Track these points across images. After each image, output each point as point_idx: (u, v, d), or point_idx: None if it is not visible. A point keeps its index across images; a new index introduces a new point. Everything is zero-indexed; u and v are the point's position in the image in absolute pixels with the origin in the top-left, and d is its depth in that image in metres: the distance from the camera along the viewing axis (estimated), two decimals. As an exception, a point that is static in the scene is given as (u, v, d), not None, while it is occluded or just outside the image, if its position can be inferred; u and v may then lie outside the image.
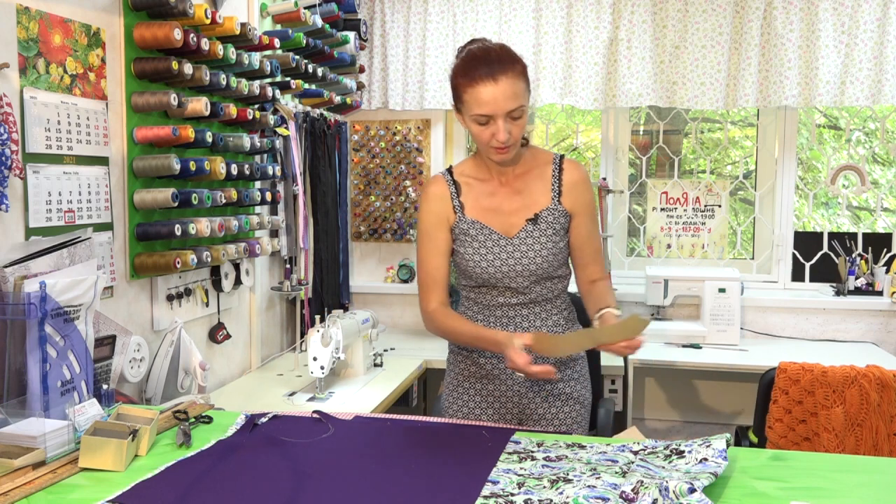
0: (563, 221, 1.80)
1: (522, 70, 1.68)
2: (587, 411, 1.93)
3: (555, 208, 1.79)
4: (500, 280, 1.79)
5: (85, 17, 1.98)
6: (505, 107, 1.64)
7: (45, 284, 1.58)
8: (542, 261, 1.78)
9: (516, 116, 1.66)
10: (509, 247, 1.78)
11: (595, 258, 1.86)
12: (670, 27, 3.30)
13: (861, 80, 3.14)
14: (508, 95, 1.63)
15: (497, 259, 1.78)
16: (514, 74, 1.64)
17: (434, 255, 1.83)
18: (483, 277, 1.80)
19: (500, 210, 1.81)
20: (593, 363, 2.91)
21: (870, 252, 3.49)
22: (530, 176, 1.82)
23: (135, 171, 2.15)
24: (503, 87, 1.63)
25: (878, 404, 2.29)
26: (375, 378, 2.72)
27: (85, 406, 1.56)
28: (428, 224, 1.84)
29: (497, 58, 1.65)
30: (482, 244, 1.79)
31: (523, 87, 1.67)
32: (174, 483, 1.32)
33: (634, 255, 3.79)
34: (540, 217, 1.78)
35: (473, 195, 1.83)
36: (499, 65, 1.64)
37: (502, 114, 1.65)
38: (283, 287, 3.02)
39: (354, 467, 1.39)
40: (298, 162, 2.98)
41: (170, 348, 2.23)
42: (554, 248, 1.78)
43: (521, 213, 1.80)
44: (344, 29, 3.43)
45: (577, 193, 1.81)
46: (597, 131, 4.00)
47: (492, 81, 1.63)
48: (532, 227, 1.78)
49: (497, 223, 1.80)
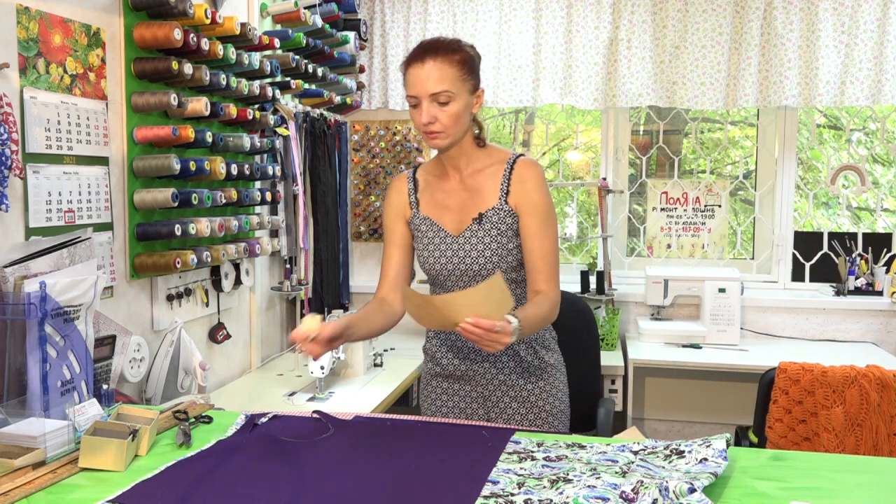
0: (509, 221, 1.77)
1: (461, 60, 1.69)
2: (561, 423, 1.92)
3: (500, 208, 1.77)
4: (447, 277, 1.81)
5: (85, 17, 1.98)
6: (428, 88, 1.67)
7: (45, 284, 1.58)
8: (486, 261, 1.76)
9: (443, 101, 1.68)
10: (455, 245, 1.79)
11: (540, 266, 1.76)
12: (670, 27, 3.30)
13: (861, 80, 3.14)
14: (433, 78, 1.66)
15: (443, 256, 1.80)
16: (446, 60, 1.67)
17: (390, 244, 1.89)
18: (433, 273, 1.83)
19: (451, 208, 1.82)
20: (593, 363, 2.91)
21: (870, 252, 3.49)
22: (483, 175, 1.81)
23: (135, 171, 2.15)
24: (428, 68, 1.67)
25: (878, 404, 2.29)
26: (375, 378, 2.72)
27: (85, 406, 1.55)
28: (387, 217, 1.90)
29: (433, 45, 1.70)
30: (431, 241, 1.82)
31: (454, 75, 1.68)
32: (174, 483, 1.32)
33: (634, 255, 3.79)
34: (485, 217, 1.77)
35: (430, 192, 1.85)
36: (431, 50, 1.68)
37: (426, 95, 1.67)
38: (283, 287, 3.02)
39: (354, 467, 1.39)
40: (298, 162, 2.98)
41: (170, 348, 2.23)
42: (500, 248, 1.76)
43: (469, 212, 1.80)
44: (344, 29, 3.43)
45: (523, 192, 1.77)
46: (597, 131, 4.00)
47: (419, 63, 1.68)
48: (477, 226, 1.77)
49: (447, 221, 1.82)
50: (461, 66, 1.69)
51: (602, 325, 3.31)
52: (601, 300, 3.45)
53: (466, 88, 1.71)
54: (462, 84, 1.70)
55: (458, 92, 1.69)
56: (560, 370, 1.94)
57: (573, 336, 2.89)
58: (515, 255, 1.79)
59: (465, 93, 1.71)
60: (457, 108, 1.70)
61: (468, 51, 1.73)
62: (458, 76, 1.69)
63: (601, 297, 3.43)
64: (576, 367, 2.86)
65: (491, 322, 1.46)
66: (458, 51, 1.71)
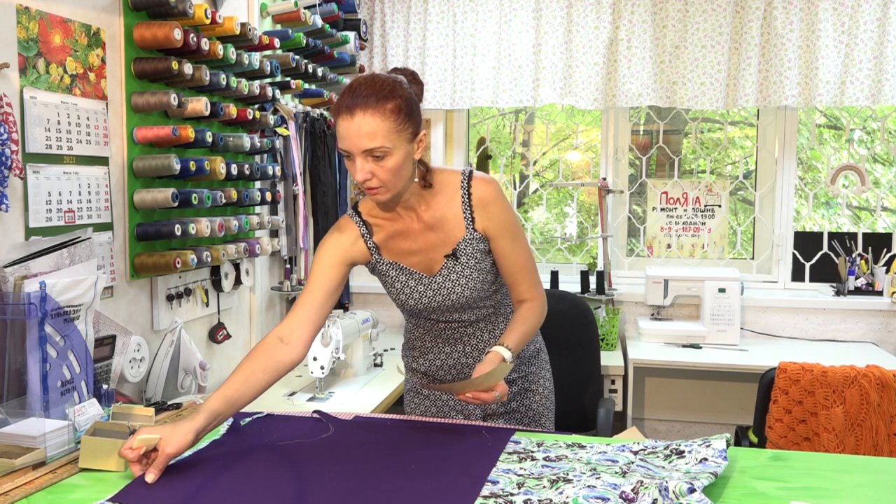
0: (482, 247, 1.69)
1: (394, 108, 1.50)
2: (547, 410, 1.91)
3: (472, 237, 1.68)
4: (430, 313, 1.77)
5: (85, 17, 1.98)
6: (359, 145, 1.49)
7: (45, 284, 1.58)
8: (471, 292, 1.71)
9: (378, 156, 1.51)
10: (434, 284, 1.71)
11: (520, 277, 1.73)
12: (670, 27, 3.30)
13: (861, 80, 3.14)
14: (363, 133, 1.48)
15: (423, 297, 1.72)
16: (377, 112, 1.49)
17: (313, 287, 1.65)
18: (413, 311, 1.78)
19: (416, 251, 1.71)
20: (593, 363, 2.91)
21: (870, 252, 3.49)
22: (441, 207, 1.68)
23: (135, 171, 2.15)
24: (358, 122, 1.48)
25: (878, 404, 2.29)
26: (375, 378, 2.72)
27: (85, 406, 1.56)
28: (322, 255, 1.68)
29: (364, 92, 1.50)
30: (405, 284, 1.72)
31: (388, 127, 1.49)
32: (174, 483, 1.32)
33: (634, 255, 3.79)
34: (458, 250, 1.68)
35: (384, 236, 1.71)
36: (362, 99, 1.49)
37: (358, 151, 1.50)
38: (283, 287, 3.02)
39: (354, 467, 1.39)
40: (298, 162, 2.98)
41: (170, 348, 2.23)
42: (479, 276, 1.70)
43: (438, 249, 1.69)
44: (344, 29, 3.43)
45: (488, 214, 1.67)
46: (597, 131, 4.00)
47: (349, 116, 1.49)
48: (453, 262, 1.69)
49: (416, 263, 1.71)
50: (395, 116, 1.50)
51: (602, 325, 3.31)
52: (601, 300, 3.45)
53: (404, 138, 1.53)
54: (398, 135, 1.51)
55: (394, 145, 1.51)
56: (543, 352, 1.94)
57: (573, 336, 2.90)
58: (493, 272, 1.75)
59: (402, 143, 1.53)
60: (395, 162, 1.52)
61: (402, 94, 1.53)
62: (393, 128, 1.50)
63: (601, 297, 3.43)
64: (576, 367, 2.88)
65: (491, 394, 1.53)
66: (391, 97, 1.51)
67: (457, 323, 1.79)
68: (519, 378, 1.86)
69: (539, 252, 3.83)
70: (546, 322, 1.94)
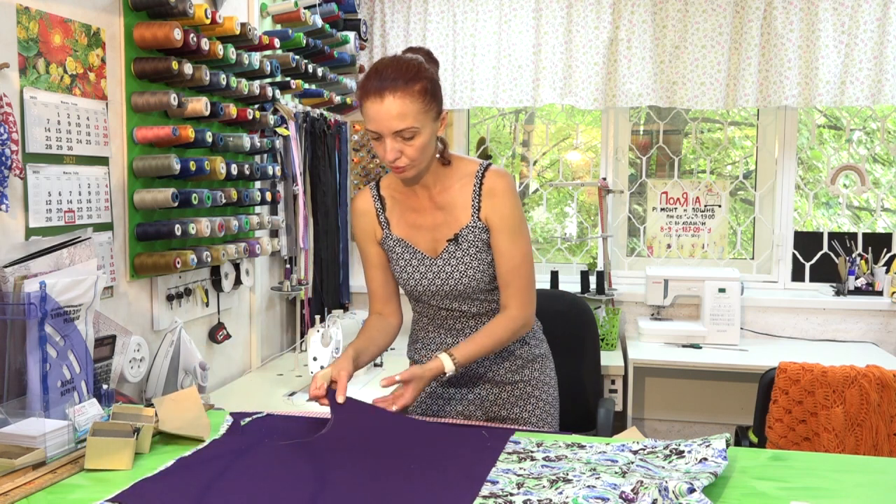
0: (484, 238, 1.72)
1: (422, 90, 1.57)
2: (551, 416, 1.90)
3: (475, 225, 1.72)
4: (430, 297, 1.78)
5: (85, 17, 1.98)
6: (390, 126, 1.56)
7: (45, 284, 1.58)
8: (469, 280, 1.73)
9: (407, 137, 1.58)
10: (434, 267, 1.74)
11: (509, 280, 1.72)
12: (670, 27, 3.30)
13: (861, 80, 3.14)
14: (393, 115, 1.55)
15: (424, 278, 1.75)
16: (406, 94, 1.55)
17: (368, 267, 1.87)
18: (414, 293, 1.81)
19: (424, 227, 1.76)
20: (593, 363, 2.91)
21: (870, 252, 3.49)
22: (453, 191, 1.74)
23: (135, 171, 2.15)
24: (388, 105, 1.55)
25: (878, 404, 2.29)
26: (375, 378, 2.72)
27: (85, 406, 1.55)
28: (358, 239, 1.86)
29: (391, 74, 1.56)
30: (408, 262, 1.77)
31: (416, 108, 1.56)
32: (174, 482, 1.32)
33: (634, 255, 3.79)
34: (460, 236, 1.72)
35: (399, 211, 1.79)
36: (390, 82, 1.55)
37: (388, 133, 1.57)
38: (283, 287, 3.02)
39: (354, 466, 1.39)
40: (298, 162, 2.98)
41: (170, 348, 2.23)
42: (480, 265, 1.73)
43: (443, 231, 1.74)
44: (344, 29, 3.43)
45: (492, 206, 1.71)
46: (597, 131, 4.00)
47: (378, 98, 1.56)
48: (454, 247, 1.73)
49: (422, 241, 1.76)
50: (423, 97, 1.58)
51: (602, 325, 3.31)
52: (601, 300, 3.45)
53: (430, 118, 1.61)
54: (425, 115, 1.59)
55: (422, 125, 1.58)
56: (548, 359, 1.93)
57: (573, 336, 2.90)
58: (494, 267, 1.76)
59: (429, 122, 1.61)
60: (422, 141, 1.60)
61: (427, 75, 1.60)
62: (421, 108, 1.58)
63: (601, 297, 3.44)
64: (576, 367, 2.88)
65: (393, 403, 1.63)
66: (417, 79, 1.58)
67: (458, 313, 1.80)
68: (521, 382, 1.86)
69: (539, 252, 3.83)
70: (546, 322, 1.94)
